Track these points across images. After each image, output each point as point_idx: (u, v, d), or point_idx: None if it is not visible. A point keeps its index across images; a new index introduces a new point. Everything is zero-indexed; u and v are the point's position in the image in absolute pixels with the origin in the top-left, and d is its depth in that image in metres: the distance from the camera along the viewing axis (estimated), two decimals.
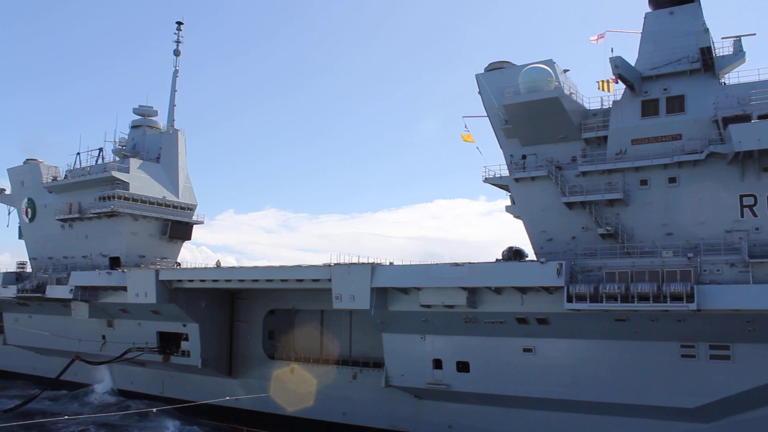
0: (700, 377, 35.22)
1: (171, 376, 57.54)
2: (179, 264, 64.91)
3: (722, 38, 40.20)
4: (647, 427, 37.35)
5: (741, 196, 36.52)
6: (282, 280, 46.05)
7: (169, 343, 55.65)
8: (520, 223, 43.01)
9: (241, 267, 51.10)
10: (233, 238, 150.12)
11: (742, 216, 36.39)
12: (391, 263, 42.22)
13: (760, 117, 35.70)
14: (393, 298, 41.83)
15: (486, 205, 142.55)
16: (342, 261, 42.66)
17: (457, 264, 38.84)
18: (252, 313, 54.19)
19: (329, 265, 42.68)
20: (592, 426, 38.70)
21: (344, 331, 51.11)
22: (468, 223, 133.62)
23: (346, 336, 51.06)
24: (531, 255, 42.45)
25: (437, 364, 41.95)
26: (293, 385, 50.59)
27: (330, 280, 42.46)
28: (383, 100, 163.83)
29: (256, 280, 47.40)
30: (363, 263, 41.77)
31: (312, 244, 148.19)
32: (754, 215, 36.12)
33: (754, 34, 40.48)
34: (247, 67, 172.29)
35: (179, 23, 72.47)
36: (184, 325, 53.52)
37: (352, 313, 48.24)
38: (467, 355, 41.10)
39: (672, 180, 38.16)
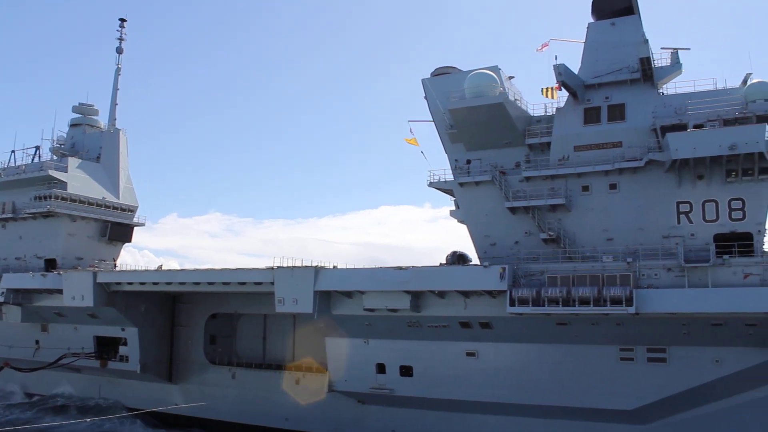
0: (638, 380, 35.96)
1: (108, 381, 55.94)
2: (117, 266, 63.25)
3: (661, 48, 41.56)
4: (587, 430, 37.89)
5: (678, 203, 37.52)
6: (224, 284, 45.32)
7: (106, 348, 54.04)
8: (464, 230, 43.28)
9: (182, 270, 49.96)
10: (177, 242, 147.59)
11: (679, 222, 37.38)
12: (335, 267, 41.97)
13: (696, 126, 36.88)
14: (336, 302, 41.58)
15: (431, 211, 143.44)
16: (285, 264, 42.20)
17: (401, 268, 38.83)
18: (193, 317, 53.04)
19: (272, 269, 42.19)
20: (533, 429, 39.11)
21: (287, 336, 50.53)
22: (413, 229, 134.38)
23: (289, 340, 50.51)
24: (475, 260, 42.75)
25: (381, 368, 41.86)
26: (235, 390, 49.77)
27: (273, 283, 41.92)
28: (330, 106, 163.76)
29: (198, 284, 46.54)
30: (306, 266, 41.40)
31: (257, 249, 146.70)
32: (690, 221, 37.14)
33: (689, 49, 41.69)
34: (194, 70, 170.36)
35: (122, 20, 70.75)
36: (123, 330, 52.10)
37: (295, 317, 47.70)
38: (411, 360, 41.08)
39: (613, 186, 38.96)
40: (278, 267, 42.10)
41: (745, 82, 38.56)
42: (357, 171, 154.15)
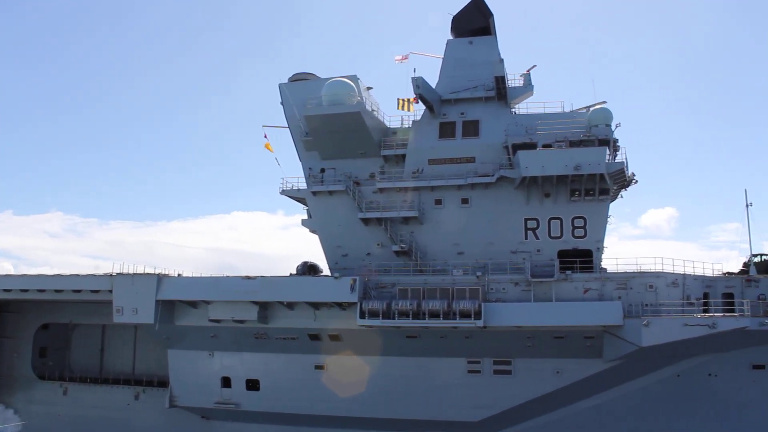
0: (485, 391, 36.48)
1: None
2: None
3: (517, 75, 42.71)
4: None
5: (526, 219, 38.62)
6: (56, 291, 41.65)
7: None
8: (317, 238, 42.36)
9: (7, 275, 45.45)
10: (12, 242, 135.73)
11: (526, 238, 38.45)
12: (179, 275, 39.85)
13: (545, 146, 38.13)
14: (180, 312, 39.61)
15: (284, 219, 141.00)
16: (127, 271, 39.57)
17: (249, 277, 37.44)
18: (20, 327, 48.10)
19: (110, 275, 39.45)
20: None
21: (127, 348, 47.37)
22: (266, 236, 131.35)
23: (130, 353, 47.36)
24: (326, 270, 41.96)
25: (226, 382, 40.25)
26: (66, 408, 45.86)
27: (111, 291, 39.22)
28: (184, 109, 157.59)
29: (26, 290, 42.48)
30: (148, 274, 39.06)
31: (102, 252, 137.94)
32: (537, 238, 38.32)
33: (535, 66, 43.28)
34: (38, 65, 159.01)
35: None
36: None
37: (136, 328, 44.81)
38: (257, 373, 39.76)
39: (465, 201, 39.51)
40: (117, 274, 39.49)
41: (588, 108, 40.28)
42: (209, 174, 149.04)
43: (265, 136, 43.65)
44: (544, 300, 35.36)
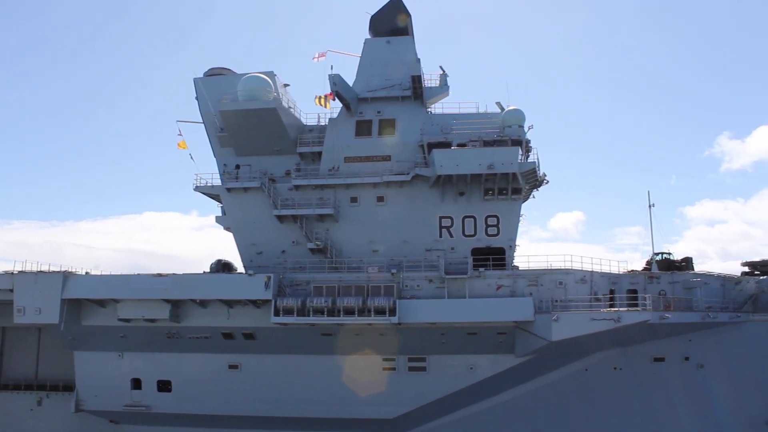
0: (400, 388, 36.69)
1: None
2: None
3: (433, 76, 43.24)
4: None
5: (440, 218, 39.09)
6: None
7: None
8: (233, 239, 41.65)
9: None
10: None
11: (441, 236, 38.92)
12: (87, 272, 38.38)
13: (459, 145, 38.63)
14: (88, 312, 38.17)
15: (198, 219, 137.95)
16: (28, 269, 37.81)
17: (160, 275, 36.43)
18: None
19: (11, 273, 37.59)
20: None
21: (30, 351, 45.23)
22: (179, 237, 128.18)
23: (32, 356, 45.24)
24: (240, 269, 41.33)
25: (136, 383, 39.09)
26: None
27: (12, 290, 37.38)
28: (95, 104, 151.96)
29: None
30: (53, 272, 37.46)
31: (3, 253, 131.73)
32: (451, 236, 38.86)
33: (447, 74, 43.69)
34: None
35: None
36: None
37: (40, 330, 42.89)
38: (169, 374, 38.78)
39: (380, 199, 39.68)
40: (19, 272, 37.63)
41: (502, 108, 41.08)
42: (120, 173, 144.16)
43: (180, 132, 42.60)
44: (458, 297, 35.83)
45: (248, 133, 40.49)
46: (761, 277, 37.37)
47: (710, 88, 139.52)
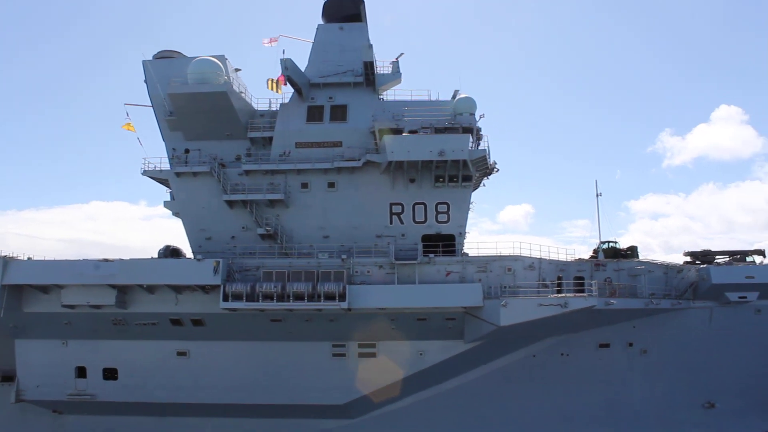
0: (350, 375, 36.69)
1: None
2: None
3: (386, 63, 43.26)
4: (301, 427, 38.04)
5: (391, 204, 39.17)
6: None
7: None
8: (182, 229, 41.04)
9: None
10: None
11: (391, 222, 39.04)
12: (30, 258, 37.41)
13: (411, 132, 38.61)
14: (30, 298, 37.18)
15: (146, 209, 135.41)
16: None
17: (106, 260, 35.72)
18: None
19: None
20: (248, 430, 38.26)
21: None
22: (127, 227, 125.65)
23: None
24: (189, 254, 40.75)
25: (81, 372, 38.27)
26: None
27: None
28: (38, 89, 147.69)
29: None
30: None
31: None
32: (401, 222, 38.99)
33: (402, 54, 43.93)
34: None
35: None
36: None
37: None
38: (115, 361, 38.06)
39: (331, 185, 39.55)
40: None
41: (454, 96, 41.31)
42: (65, 161, 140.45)
43: (127, 115, 41.70)
44: (408, 283, 35.97)
45: (198, 117, 39.90)
46: (702, 266, 38.34)
47: (653, 85, 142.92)
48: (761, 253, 41.52)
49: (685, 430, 38.70)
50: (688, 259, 42.08)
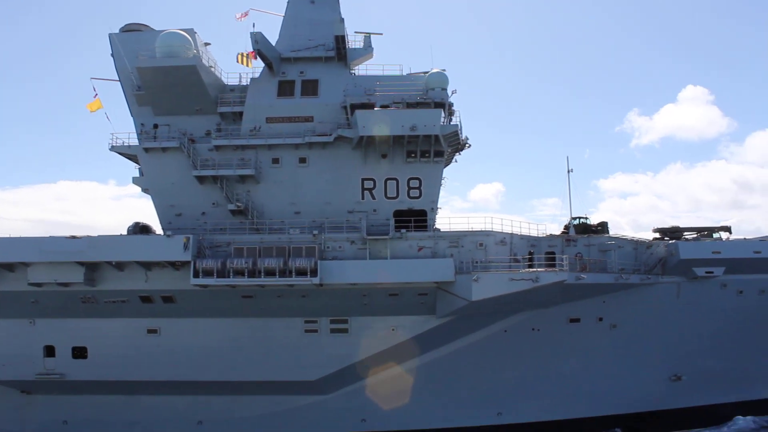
0: (322, 351, 36.62)
1: None
2: None
3: (355, 32, 43.03)
4: (273, 403, 37.93)
5: (363, 179, 39.00)
6: None
7: None
8: (152, 207, 40.48)
9: None
10: None
11: (363, 198, 38.89)
12: None
13: (382, 107, 38.43)
14: None
15: (116, 189, 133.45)
16: None
17: (74, 237, 35.13)
18: None
19: None
20: (220, 407, 38.09)
21: None
22: (97, 207, 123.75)
23: None
24: (159, 231, 40.27)
25: (49, 351, 37.66)
26: None
27: None
28: (4, 65, 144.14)
29: None
30: None
31: None
32: (373, 198, 38.87)
33: (381, 34, 43.68)
34: None
35: None
36: None
37: None
38: (85, 340, 37.48)
39: (302, 160, 39.27)
40: None
41: (426, 72, 41.11)
42: (32, 139, 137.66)
43: (94, 90, 40.89)
44: (380, 258, 35.90)
45: (167, 91, 39.26)
46: (670, 242, 38.81)
47: (622, 65, 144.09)
48: (727, 229, 42.27)
49: (652, 403, 39.45)
50: (657, 235, 42.62)
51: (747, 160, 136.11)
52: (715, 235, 42.19)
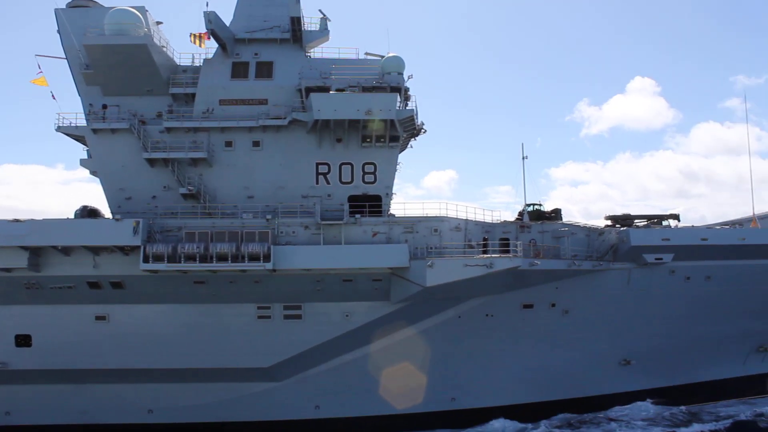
0: (275, 337, 36.29)
1: None
2: None
3: (319, 10, 42.15)
4: (225, 390, 37.43)
5: (317, 164, 38.53)
6: None
7: None
8: (101, 190, 39.25)
9: None
10: None
11: (317, 183, 38.43)
12: None
13: (338, 90, 38.00)
14: None
15: (64, 173, 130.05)
16: None
17: (17, 220, 34.01)
18: None
19: None
20: (171, 395, 37.43)
21: None
22: (44, 192, 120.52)
23: None
24: (108, 215, 39.17)
25: None
26: None
27: None
28: None
29: None
30: None
31: None
32: (328, 182, 38.43)
33: (330, 20, 42.78)
34: None
35: None
36: None
37: None
38: (29, 327, 36.43)
39: (256, 144, 38.60)
40: None
41: (383, 56, 40.75)
42: None
43: (39, 68, 39.55)
44: (334, 243, 35.67)
45: (116, 70, 38.07)
46: (622, 229, 39.36)
47: (572, 55, 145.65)
48: (676, 217, 43.16)
49: (602, 387, 40.11)
50: (609, 222, 43.20)
51: (692, 150, 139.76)
52: (665, 223, 43.01)
